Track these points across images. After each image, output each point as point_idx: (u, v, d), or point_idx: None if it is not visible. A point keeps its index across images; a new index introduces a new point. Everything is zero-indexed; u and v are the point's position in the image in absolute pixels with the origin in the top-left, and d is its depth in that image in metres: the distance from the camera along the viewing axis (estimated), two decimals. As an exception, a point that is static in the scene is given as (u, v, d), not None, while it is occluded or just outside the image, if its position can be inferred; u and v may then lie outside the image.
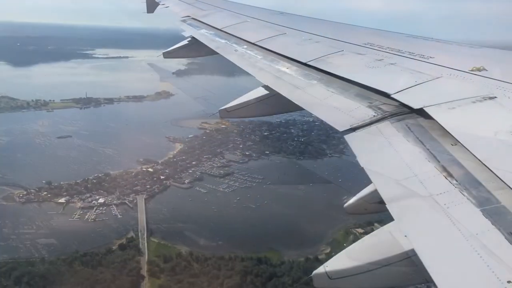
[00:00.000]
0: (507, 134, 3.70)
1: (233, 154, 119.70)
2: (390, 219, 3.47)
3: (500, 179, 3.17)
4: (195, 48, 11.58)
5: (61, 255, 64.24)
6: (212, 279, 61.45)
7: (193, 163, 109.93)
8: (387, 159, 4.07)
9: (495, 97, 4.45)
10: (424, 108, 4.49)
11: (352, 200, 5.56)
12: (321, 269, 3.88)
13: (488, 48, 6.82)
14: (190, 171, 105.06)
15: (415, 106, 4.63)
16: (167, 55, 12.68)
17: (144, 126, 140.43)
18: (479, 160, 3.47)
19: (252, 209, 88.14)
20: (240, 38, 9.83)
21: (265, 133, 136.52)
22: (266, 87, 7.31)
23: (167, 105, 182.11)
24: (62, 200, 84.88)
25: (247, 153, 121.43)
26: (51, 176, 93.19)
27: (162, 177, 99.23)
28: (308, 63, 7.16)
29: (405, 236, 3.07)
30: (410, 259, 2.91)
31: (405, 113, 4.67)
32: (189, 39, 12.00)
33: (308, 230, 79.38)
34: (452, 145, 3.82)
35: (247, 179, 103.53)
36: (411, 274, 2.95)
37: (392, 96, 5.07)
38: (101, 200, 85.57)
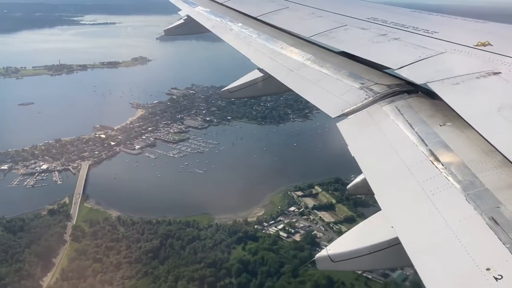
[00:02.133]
0: (511, 109, 3.71)
1: (193, 120, 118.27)
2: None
3: (502, 153, 3.19)
4: (193, 26, 11.39)
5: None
6: (131, 242, 61.74)
7: (149, 129, 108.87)
8: (376, 147, 4.12)
9: (500, 72, 4.44)
10: (428, 84, 4.51)
11: (354, 182, 5.70)
12: (323, 253, 3.94)
13: (494, 23, 6.68)
14: (144, 137, 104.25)
15: (419, 81, 4.65)
16: (168, 32, 12.46)
17: (111, 92, 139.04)
18: (480, 134, 3.48)
19: (198, 174, 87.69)
20: (242, 12, 9.73)
21: (232, 99, 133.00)
22: (262, 70, 7.15)
23: (141, 71, 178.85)
24: (4, 166, 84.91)
25: (208, 118, 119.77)
26: (0, 143, 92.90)
27: (112, 143, 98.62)
28: (310, 38, 7.01)
29: (392, 227, 3.12)
30: None
31: (395, 93, 4.74)
32: (185, 17, 11.85)
33: (249, 193, 78.83)
34: (441, 125, 3.89)
35: (201, 144, 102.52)
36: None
37: (395, 71, 5.09)
38: (44, 167, 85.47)
